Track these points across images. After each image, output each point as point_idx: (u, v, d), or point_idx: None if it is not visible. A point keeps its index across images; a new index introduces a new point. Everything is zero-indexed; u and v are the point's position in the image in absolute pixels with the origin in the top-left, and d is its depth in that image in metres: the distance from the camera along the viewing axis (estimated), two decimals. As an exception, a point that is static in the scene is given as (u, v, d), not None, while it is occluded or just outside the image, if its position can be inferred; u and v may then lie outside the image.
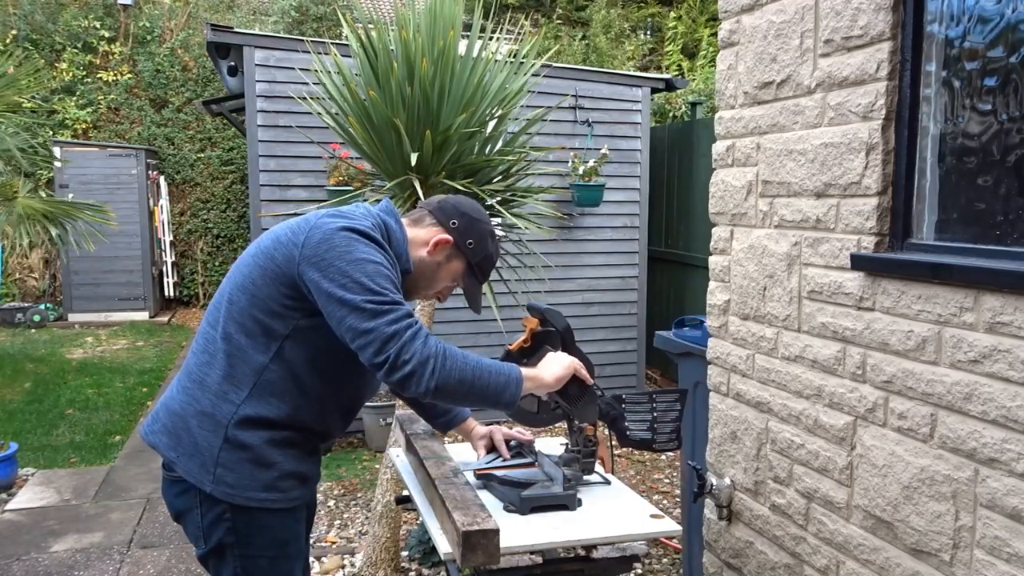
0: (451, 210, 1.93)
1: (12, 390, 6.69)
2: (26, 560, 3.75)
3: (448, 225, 1.91)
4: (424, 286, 1.94)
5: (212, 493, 1.74)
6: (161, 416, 1.84)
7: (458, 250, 1.92)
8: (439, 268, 1.92)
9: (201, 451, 1.75)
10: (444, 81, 3.15)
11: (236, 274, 1.81)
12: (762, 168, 2.51)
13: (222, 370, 1.76)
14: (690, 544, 3.17)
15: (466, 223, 1.92)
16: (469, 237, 1.91)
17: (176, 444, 1.78)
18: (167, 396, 1.86)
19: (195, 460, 1.75)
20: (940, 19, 1.99)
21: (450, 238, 1.90)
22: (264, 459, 1.77)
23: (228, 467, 1.74)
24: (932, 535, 1.92)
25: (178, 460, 1.77)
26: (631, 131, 6.30)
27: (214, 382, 1.76)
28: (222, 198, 11.17)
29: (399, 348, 1.64)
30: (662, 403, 2.24)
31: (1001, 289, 1.72)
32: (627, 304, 6.43)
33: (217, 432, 1.74)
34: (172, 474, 1.81)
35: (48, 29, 10.91)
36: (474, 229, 1.92)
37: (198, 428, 1.76)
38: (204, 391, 1.77)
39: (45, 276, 10.38)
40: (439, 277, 1.94)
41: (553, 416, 2.37)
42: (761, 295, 2.53)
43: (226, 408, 1.75)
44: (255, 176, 5.39)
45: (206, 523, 1.77)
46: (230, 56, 5.57)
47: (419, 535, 3.72)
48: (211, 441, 1.74)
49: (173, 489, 1.82)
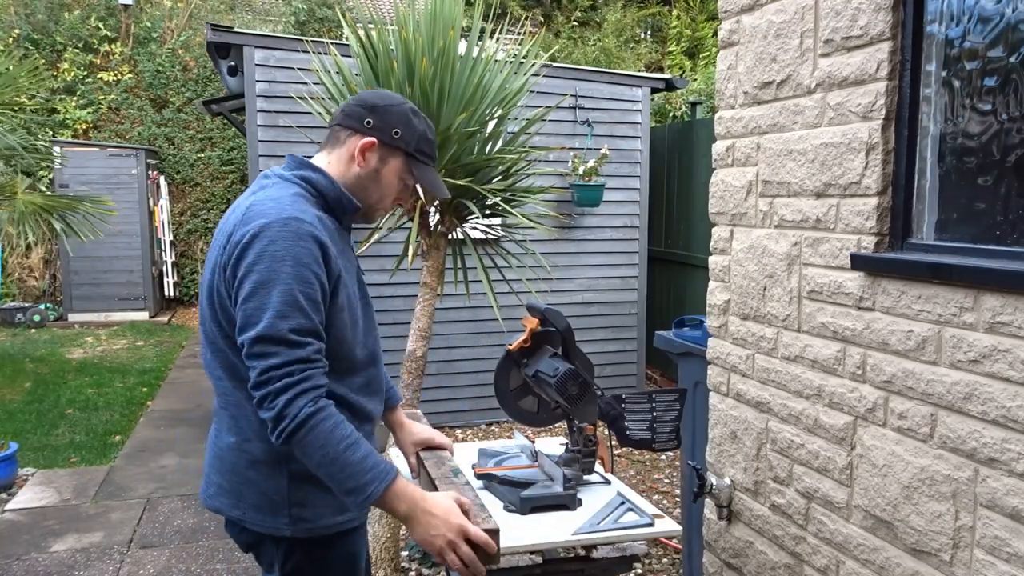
0: (358, 111, 1.73)
1: (12, 390, 6.69)
2: (26, 560, 3.75)
3: (363, 126, 1.71)
4: (376, 200, 1.77)
5: (293, 535, 1.67)
6: (214, 479, 1.75)
7: (387, 147, 1.73)
8: (379, 174, 1.74)
9: (271, 497, 1.67)
10: (444, 81, 3.15)
11: (202, 327, 1.71)
12: (762, 168, 2.51)
13: (253, 413, 1.62)
14: (690, 544, 3.17)
15: (380, 115, 1.72)
16: (392, 127, 1.72)
17: (239, 502, 1.70)
18: (212, 454, 1.76)
19: (264, 510, 1.68)
20: (940, 19, 1.99)
21: (373, 139, 1.71)
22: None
23: (302, 503, 1.67)
24: (932, 535, 1.92)
25: (245, 516, 1.69)
26: (631, 131, 6.30)
27: (252, 427, 1.66)
28: (222, 198, 11.18)
29: (263, 396, 1.51)
30: (661, 403, 2.25)
31: (1001, 289, 1.72)
32: (627, 304, 6.43)
33: (279, 473, 1.66)
34: (236, 525, 1.75)
35: (49, 29, 10.91)
36: (391, 116, 1.73)
37: (258, 477, 1.67)
38: (249, 440, 1.67)
39: (45, 276, 10.38)
40: (385, 183, 1.75)
41: (553, 416, 2.38)
42: (761, 295, 2.53)
43: (277, 447, 1.58)
44: (255, 176, 5.38)
45: (284, 563, 1.70)
46: (230, 56, 5.57)
47: (419, 535, 3.71)
48: (277, 485, 1.66)
49: (243, 536, 1.76)
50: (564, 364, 2.09)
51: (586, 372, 2.14)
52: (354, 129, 1.72)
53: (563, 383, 2.04)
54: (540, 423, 2.35)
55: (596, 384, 2.14)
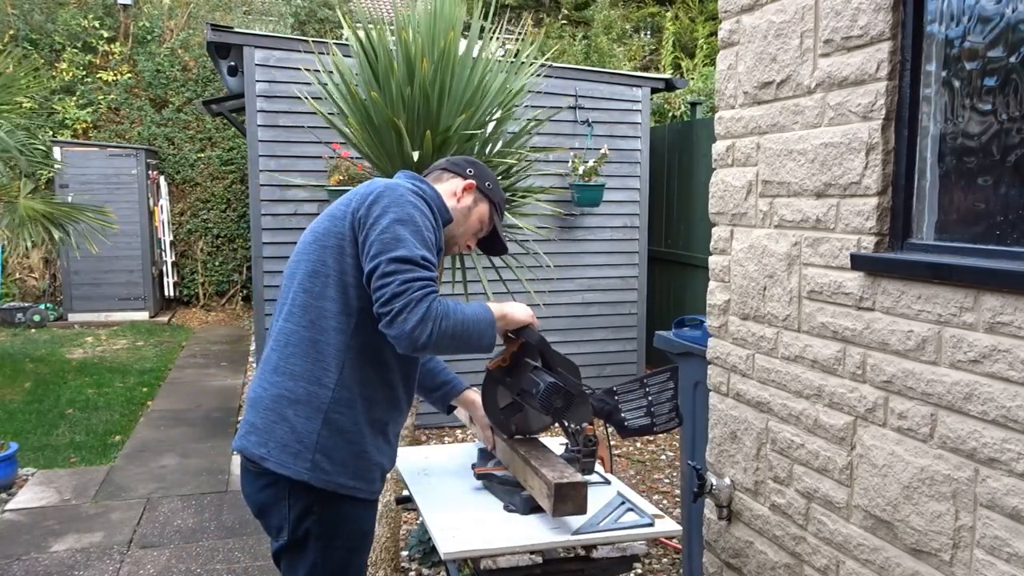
0: (462, 162, 2.13)
1: (12, 390, 6.69)
2: (26, 560, 3.75)
3: (466, 174, 2.09)
4: (460, 233, 2.09)
5: (310, 481, 1.80)
6: (249, 418, 1.89)
7: (481, 193, 2.09)
8: (470, 212, 2.08)
9: (301, 438, 1.81)
10: (444, 81, 3.15)
11: (300, 263, 1.89)
12: (762, 168, 2.51)
13: (308, 357, 1.83)
14: (690, 544, 3.17)
15: (479, 169, 2.12)
16: (486, 180, 2.11)
17: (267, 439, 1.83)
18: (253, 395, 1.91)
19: (289, 450, 1.81)
20: (940, 19, 1.99)
21: (473, 182, 2.08)
22: (358, 444, 1.86)
23: (327, 453, 1.82)
24: (932, 535, 1.92)
25: (269, 454, 1.81)
26: (631, 131, 6.30)
27: (304, 370, 1.83)
28: (222, 198, 11.17)
29: (403, 305, 1.71)
30: (654, 385, 2.21)
31: (1001, 289, 1.72)
32: (627, 304, 6.43)
33: (315, 418, 1.82)
34: (256, 467, 1.85)
35: (47, 29, 10.91)
36: (486, 173, 2.13)
37: (295, 417, 1.82)
38: (296, 380, 1.83)
39: (45, 276, 10.38)
40: (471, 221, 2.09)
41: (548, 424, 2.35)
42: (761, 295, 2.53)
43: (321, 393, 1.82)
44: (255, 176, 5.39)
45: (294, 515, 1.83)
46: (230, 56, 5.58)
47: (419, 535, 3.72)
48: (310, 427, 1.81)
49: (259, 483, 1.87)
50: (545, 377, 2.02)
51: (571, 376, 2.09)
52: (457, 173, 2.09)
53: (547, 399, 1.98)
54: (537, 433, 2.34)
55: (585, 385, 2.11)
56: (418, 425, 4.47)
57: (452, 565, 2.38)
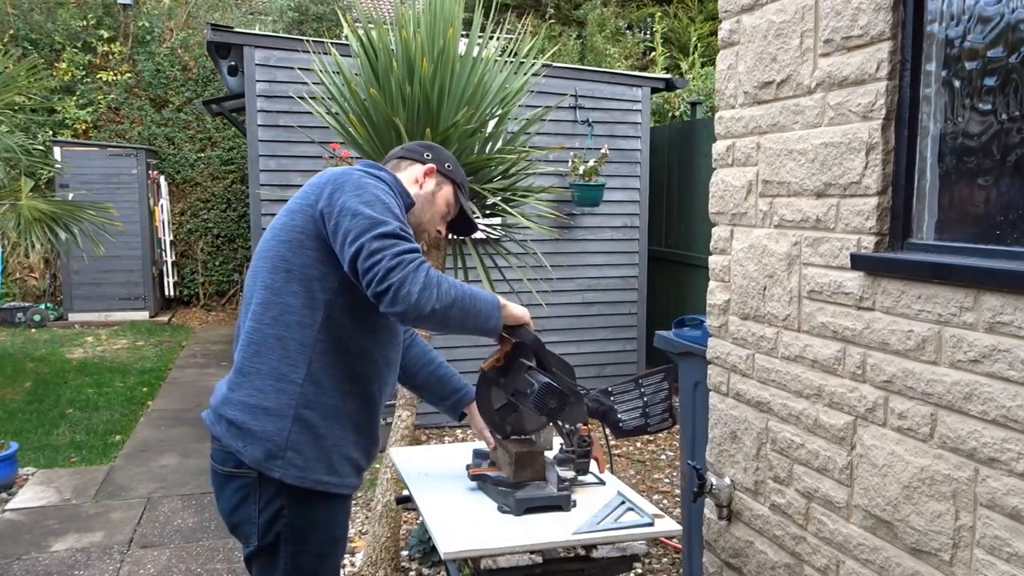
0: (417, 147, 2.11)
1: (12, 390, 6.69)
2: (26, 560, 3.75)
3: (424, 158, 2.07)
4: (427, 220, 2.06)
5: (281, 478, 1.79)
6: (227, 413, 1.85)
7: (442, 175, 2.07)
8: (435, 196, 2.05)
9: (271, 437, 1.80)
10: (444, 80, 3.15)
11: (261, 260, 1.87)
12: (762, 168, 2.51)
13: (275, 354, 1.82)
14: (690, 544, 3.17)
15: (436, 152, 2.09)
16: (445, 161, 2.09)
17: (241, 435, 1.82)
18: (220, 400, 1.88)
19: (261, 447, 1.79)
20: (940, 19, 1.99)
21: (433, 166, 2.05)
22: (329, 438, 1.84)
23: (298, 449, 1.80)
24: (932, 535, 1.92)
25: (244, 449, 1.80)
26: (631, 131, 6.30)
27: (270, 368, 1.82)
28: (222, 198, 11.17)
29: (403, 278, 1.69)
30: (649, 386, 2.21)
31: (1001, 289, 1.72)
32: (627, 304, 6.43)
33: (284, 416, 1.81)
34: (227, 469, 1.84)
35: (47, 29, 10.90)
36: (444, 155, 2.11)
37: (265, 417, 1.81)
38: (263, 379, 1.82)
39: (45, 276, 10.38)
40: (438, 205, 2.06)
41: (543, 424, 2.34)
42: (761, 295, 2.53)
43: (290, 389, 1.81)
44: (255, 176, 5.39)
45: (264, 518, 1.82)
46: (230, 56, 5.58)
47: (419, 535, 3.72)
48: (280, 425, 1.80)
49: (231, 485, 1.85)
50: (539, 378, 2.00)
51: (565, 377, 2.07)
52: (414, 160, 2.06)
53: (540, 400, 1.96)
54: (532, 433, 2.33)
55: (580, 385, 2.09)
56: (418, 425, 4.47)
57: (452, 565, 2.37)
